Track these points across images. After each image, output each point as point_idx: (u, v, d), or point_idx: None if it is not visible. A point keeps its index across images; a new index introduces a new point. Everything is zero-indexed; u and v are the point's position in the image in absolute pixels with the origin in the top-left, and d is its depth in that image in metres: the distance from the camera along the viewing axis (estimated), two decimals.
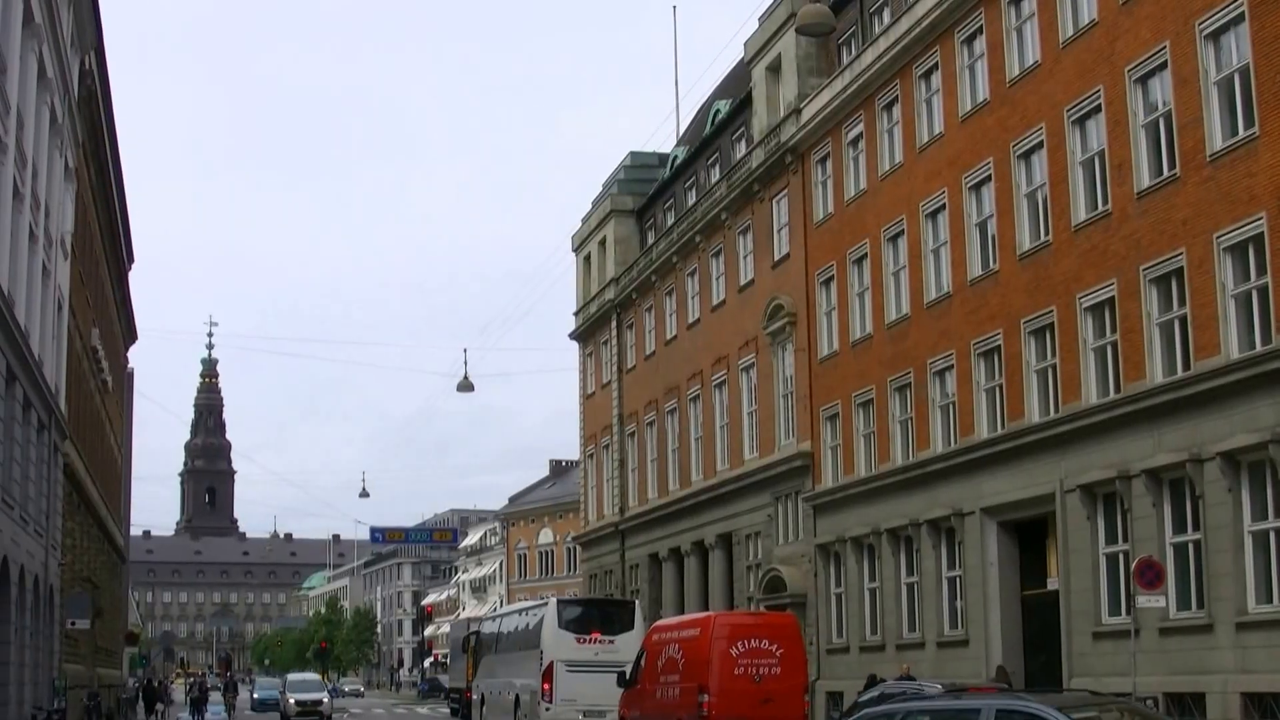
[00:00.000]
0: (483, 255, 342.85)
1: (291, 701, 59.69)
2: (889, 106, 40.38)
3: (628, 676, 32.96)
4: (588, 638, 37.39)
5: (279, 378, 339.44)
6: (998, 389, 34.80)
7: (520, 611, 44.10)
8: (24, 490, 31.80)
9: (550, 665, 36.83)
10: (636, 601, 45.40)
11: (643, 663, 32.19)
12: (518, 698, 39.37)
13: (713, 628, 29.48)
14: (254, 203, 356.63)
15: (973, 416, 35.61)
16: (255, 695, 74.64)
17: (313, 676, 74.91)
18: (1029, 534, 34.78)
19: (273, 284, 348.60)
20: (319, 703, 59.52)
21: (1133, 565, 27.40)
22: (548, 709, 36.62)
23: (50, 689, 36.64)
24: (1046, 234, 32.92)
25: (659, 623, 35.75)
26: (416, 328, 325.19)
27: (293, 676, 71.39)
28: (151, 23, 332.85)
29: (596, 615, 39.31)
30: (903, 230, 39.20)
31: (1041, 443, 32.60)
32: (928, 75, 38.43)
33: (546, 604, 40.19)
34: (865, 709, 27.74)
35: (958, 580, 36.53)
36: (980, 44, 36.00)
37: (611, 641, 36.94)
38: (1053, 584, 33.02)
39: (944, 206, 37.18)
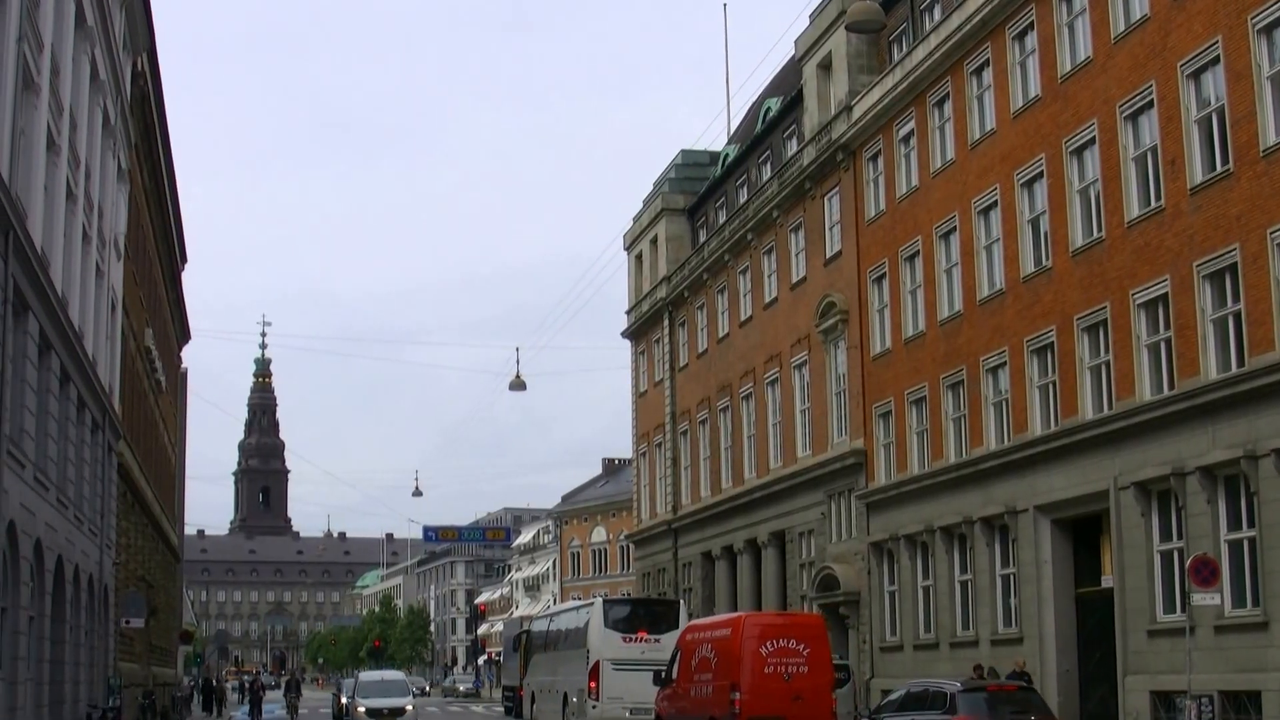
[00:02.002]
0: (535, 254, 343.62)
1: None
2: (940, 103, 40.28)
3: (664, 675, 33.50)
4: (634, 637, 37.85)
5: (332, 377, 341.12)
6: (1051, 386, 34.67)
7: (568, 611, 44.66)
8: (79, 490, 32.09)
9: (597, 664, 37.41)
10: (681, 601, 45.61)
11: (678, 661, 32.78)
12: (566, 695, 39.81)
13: (743, 627, 30.04)
14: (307, 202, 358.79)
15: (1026, 413, 35.49)
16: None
17: (394, 675, 52.22)
18: (1083, 531, 34.63)
19: (325, 284, 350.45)
20: (400, 712, 43.37)
21: (1188, 563, 27.25)
22: (594, 707, 37.11)
23: (105, 687, 36.94)
24: (1100, 230, 32.77)
25: (693, 623, 36.08)
26: (469, 327, 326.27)
27: (365, 676, 50.08)
28: (203, 23, 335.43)
29: (643, 615, 39.69)
30: (955, 227, 39.10)
31: (1095, 440, 32.46)
32: (979, 71, 38.32)
33: (593, 604, 40.64)
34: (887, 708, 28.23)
35: (1012, 578, 36.40)
36: (1032, 40, 35.86)
37: (657, 640, 37.19)
38: (1107, 581, 32.84)
39: (996, 203, 37.07)
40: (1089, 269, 32.98)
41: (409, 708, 43.97)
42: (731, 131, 64.90)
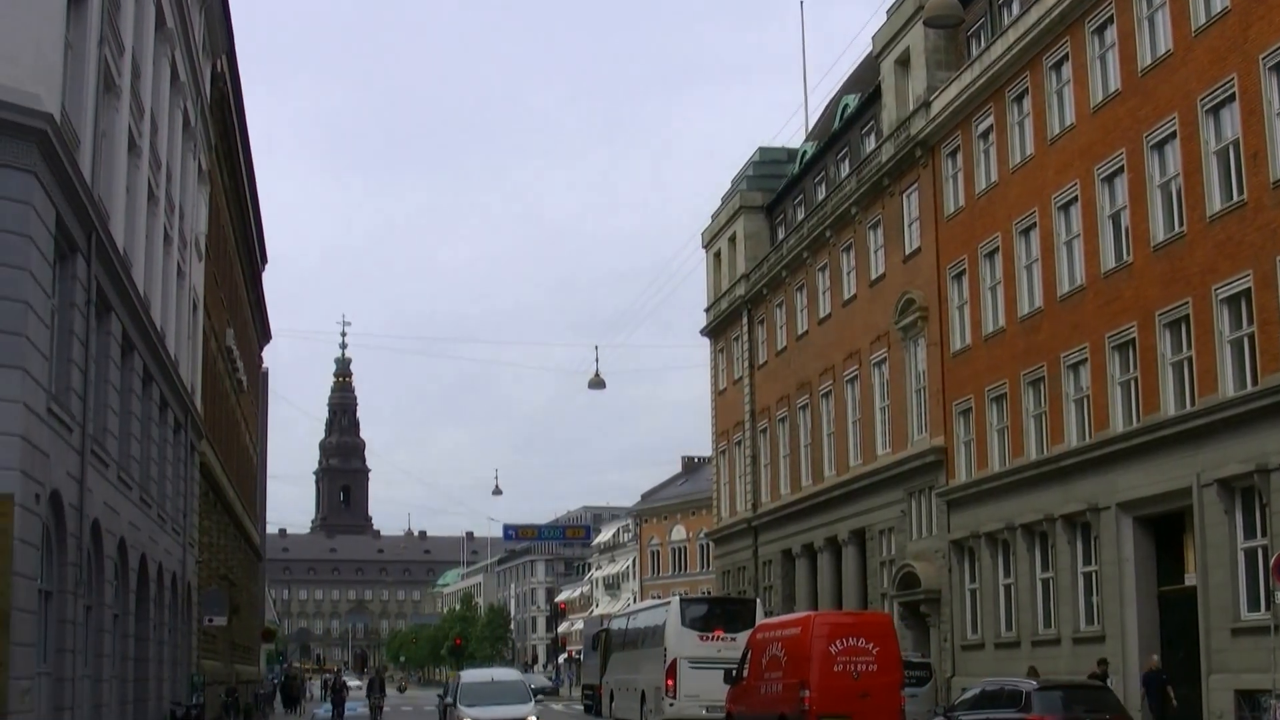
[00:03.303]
0: (613, 252, 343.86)
1: None
2: (1019, 98, 40.03)
3: (734, 673, 33.82)
4: (710, 635, 38.40)
5: (412, 376, 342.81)
6: (1132, 382, 34.39)
7: (646, 610, 44.96)
8: (161, 489, 32.44)
9: (674, 662, 37.96)
10: (758, 600, 45.71)
11: (748, 660, 33.15)
12: (644, 693, 40.14)
13: (813, 626, 30.42)
14: (385, 202, 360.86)
15: (1107, 410, 35.21)
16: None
17: (507, 674, 39.91)
18: (1165, 529, 34.31)
19: (404, 283, 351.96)
20: None
21: (1272, 560, 27.00)
22: (671, 704, 37.57)
23: (188, 685, 37.33)
24: (1180, 225, 32.46)
25: (763, 622, 36.35)
26: (548, 325, 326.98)
27: (471, 676, 38.00)
28: (285, 23, 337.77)
29: (719, 613, 40.12)
30: (1034, 223, 38.85)
31: (1177, 436, 32.16)
32: (1058, 66, 38.06)
33: (670, 603, 40.93)
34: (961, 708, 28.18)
35: (1093, 576, 36.14)
36: (1111, 34, 35.58)
37: (733, 639, 37.44)
38: (1190, 579, 32.55)
39: (1076, 199, 36.79)
40: (1170, 264, 32.68)
41: (532, 718, 33.69)
42: (809, 128, 64.73)
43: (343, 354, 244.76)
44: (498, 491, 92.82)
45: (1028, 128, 39.59)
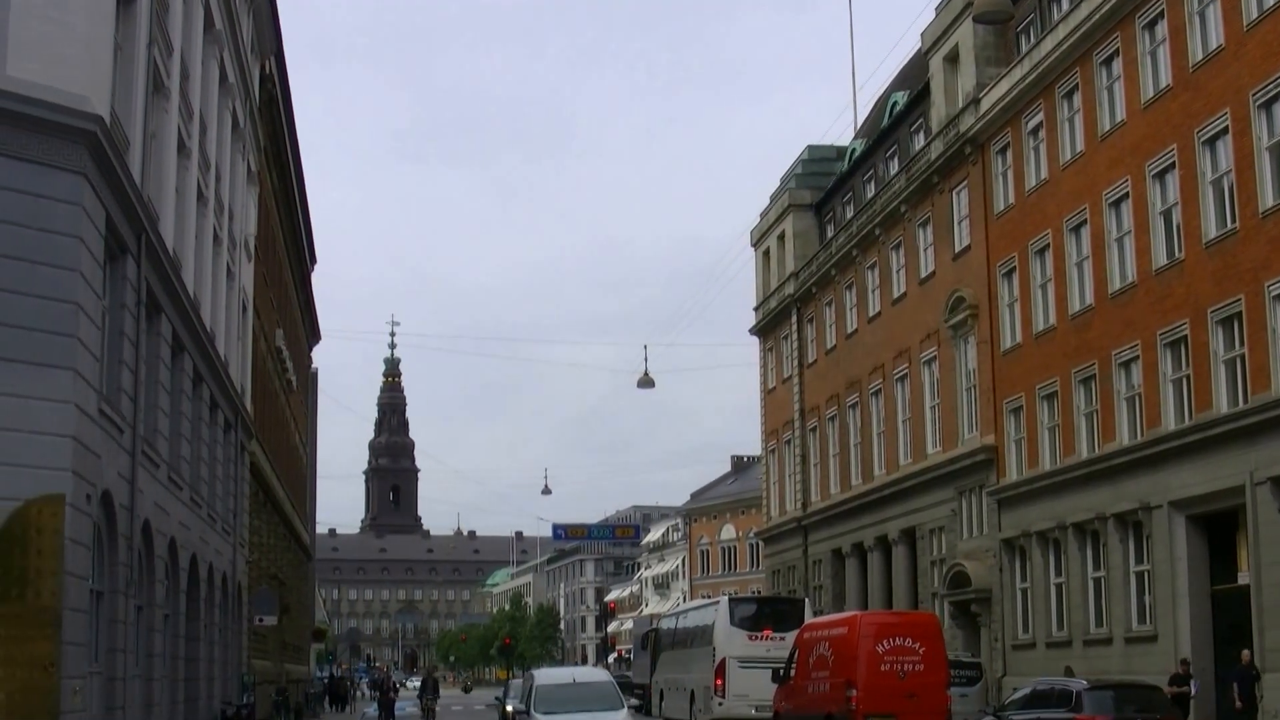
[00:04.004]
0: (661, 250, 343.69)
1: None
2: (1069, 94, 39.79)
3: (782, 673, 33.96)
4: (759, 635, 38.48)
5: (460, 375, 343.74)
6: (1185, 380, 34.14)
7: (695, 609, 45.08)
8: (211, 489, 32.59)
9: (723, 661, 38.03)
10: (806, 600, 45.60)
11: (795, 659, 33.26)
12: (693, 693, 40.23)
13: (860, 626, 30.55)
14: (433, 202, 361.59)
15: (1159, 408, 34.97)
16: None
17: (592, 674, 33.15)
18: (1218, 527, 34.04)
19: (453, 282, 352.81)
20: None
21: None
22: (720, 704, 37.71)
23: (239, 684, 37.48)
24: (1233, 221, 32.21)
25: (810, 621, 36.45)
26: (596, 324, 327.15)
27: (546, 677, 30.65)
28: (330, 23, 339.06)
29: (768, 613, 40.20)
30: (1085, 220, 38.62)
31: (1230, 434, 31.92)
32: (1108, 62, 37.82)
33: (719, 602, 41.01)
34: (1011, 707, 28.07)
35: (1145, 575, 35.90)
36: (1162, 29, 35.33)
37: (782, 638, 37.41)
38: (1243, 578, 32.31)
39: (1127, 195, 36.55)
40: (1222, 261, 32.43)
41: None
42: (858, 126, 64.58)
43: (392, 354, 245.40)
44: (547, 491, 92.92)
45: (1078, 124, 39.35)
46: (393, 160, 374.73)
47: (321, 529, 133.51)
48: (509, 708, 36.44)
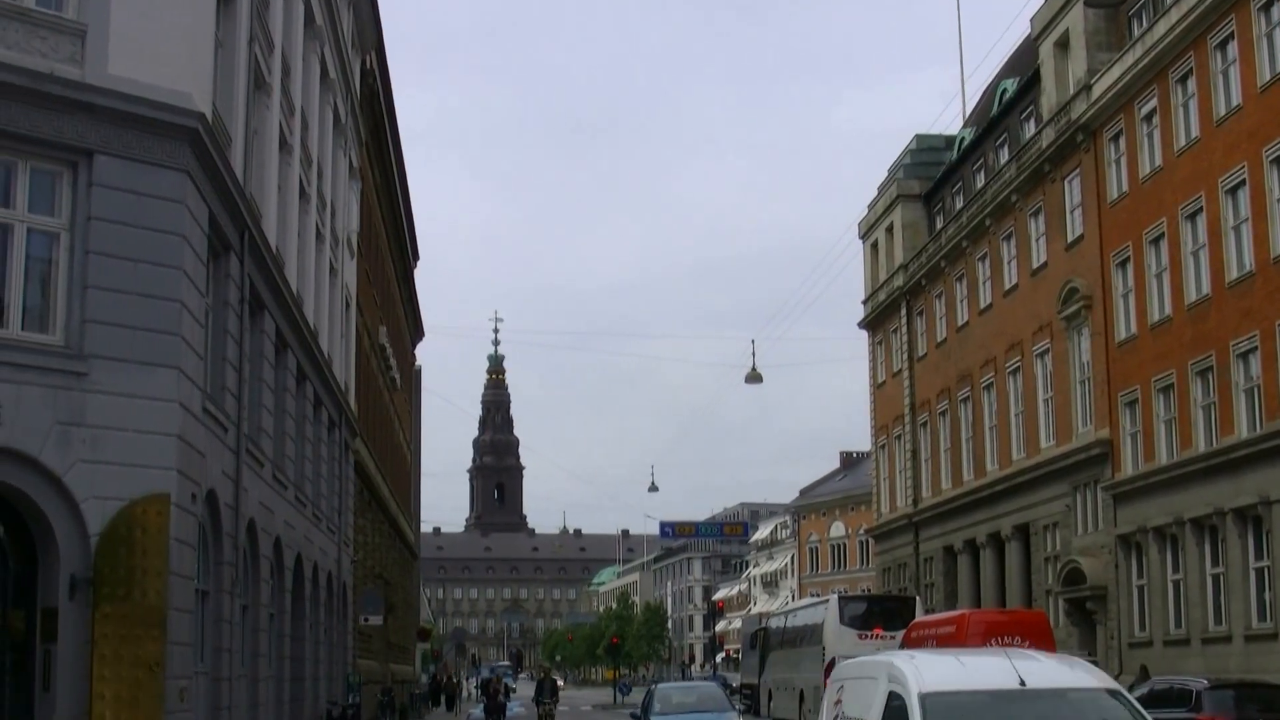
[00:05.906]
0: (769, 244, 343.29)
1: None
2: (1183, 79, 38.96)
3: None
4: (869, 633, 38.13)
5: (565, 371, 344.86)
6: None
7: (805, 608, 44.76)
8: (316, 488, 32.65)
9: (832, 661, 37.33)
10: (917, 598, 45.10)
11: None
12: (802, 692, 39.89)
13: (968, 625, 30.59)
14: (536, 197, 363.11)
15: (1279, 400, 34.14)
16: None
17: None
18: None
19: (557, 277, 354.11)
20: None
21: None
22: None
23: (345, 684, 37.55)
24: None
25: (918, 620, 36.15)
26: (702, 318, 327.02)
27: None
28: (432, 17, 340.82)
29: (878, 611, 39.84)
30: (1201, 208, 37.80)
31: None
32: (1223, 45, 36.98)
33: (829, 601, 40.62)
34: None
35: (1265, 571, 35.05)
36: (1277, 10, 34.47)
37: (893, 637, 37.03)
38: None
39: (1244, 181, 35.72)
40: None
41: None
42: (967, 114, 63.83)
43: (495, 350, 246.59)
44: (653, 488, 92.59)
45: (1193, 109, 38.53)
46: (495, 154, 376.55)
47: (426, 527, 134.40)
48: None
